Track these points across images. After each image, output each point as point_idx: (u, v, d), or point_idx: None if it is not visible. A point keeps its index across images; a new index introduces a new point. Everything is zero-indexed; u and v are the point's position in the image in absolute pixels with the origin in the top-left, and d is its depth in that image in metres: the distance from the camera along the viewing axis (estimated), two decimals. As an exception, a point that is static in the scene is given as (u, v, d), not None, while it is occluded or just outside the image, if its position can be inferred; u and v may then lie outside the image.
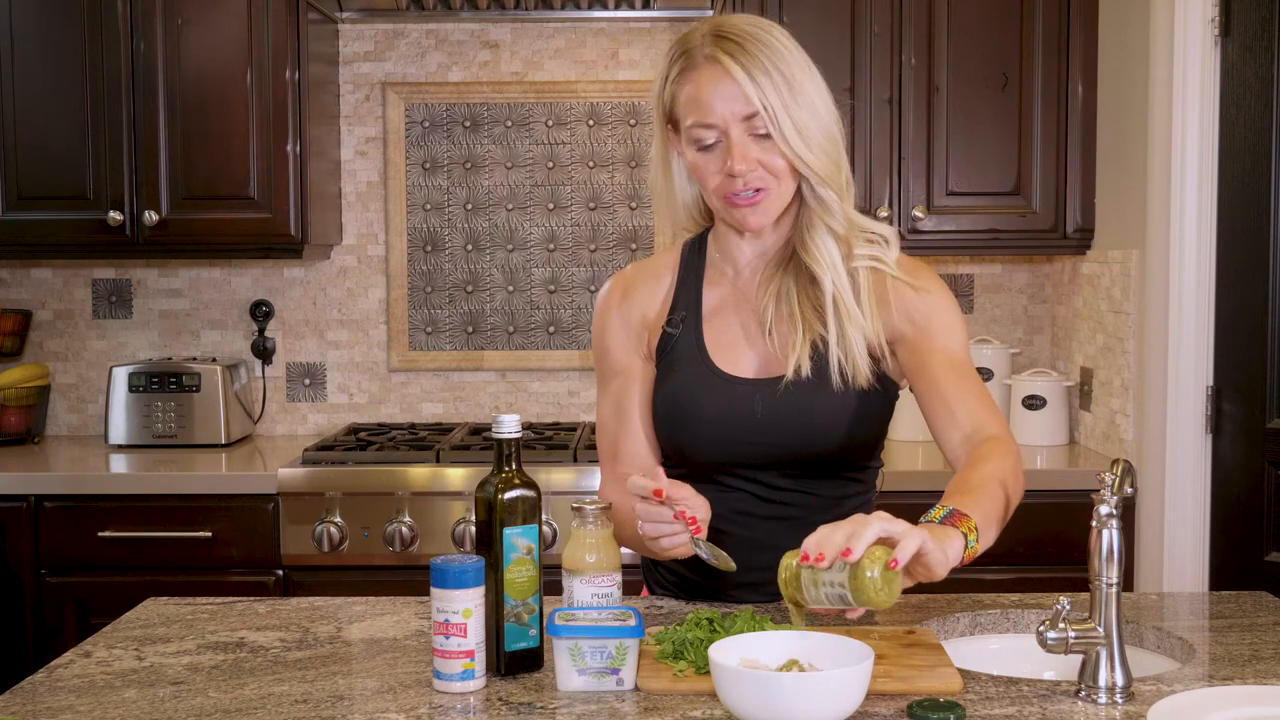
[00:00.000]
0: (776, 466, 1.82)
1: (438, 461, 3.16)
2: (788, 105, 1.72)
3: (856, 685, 1.37)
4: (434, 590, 1.51)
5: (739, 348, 1.85)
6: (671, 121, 1.82)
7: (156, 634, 1.76)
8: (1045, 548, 3.05)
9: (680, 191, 1.90)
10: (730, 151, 1.73)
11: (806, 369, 1.78)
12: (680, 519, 1.60)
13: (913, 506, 1.85)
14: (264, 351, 3.69)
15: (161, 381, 3.45)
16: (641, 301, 1.92)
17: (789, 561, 1.52)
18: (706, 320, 1.87)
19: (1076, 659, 1.53)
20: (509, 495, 1.56)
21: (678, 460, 1.86)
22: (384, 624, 1.80)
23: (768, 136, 1.73)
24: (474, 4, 3.52)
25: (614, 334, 1.92)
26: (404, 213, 3.68)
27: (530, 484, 1.58)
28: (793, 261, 1.84)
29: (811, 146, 1.74)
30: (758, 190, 1.76)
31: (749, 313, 1.86)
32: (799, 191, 1.81)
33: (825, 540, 1.45)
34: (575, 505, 1.65)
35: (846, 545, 1.43)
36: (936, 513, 1.55)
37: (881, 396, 1.83)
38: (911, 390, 1.84)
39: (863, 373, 1.79)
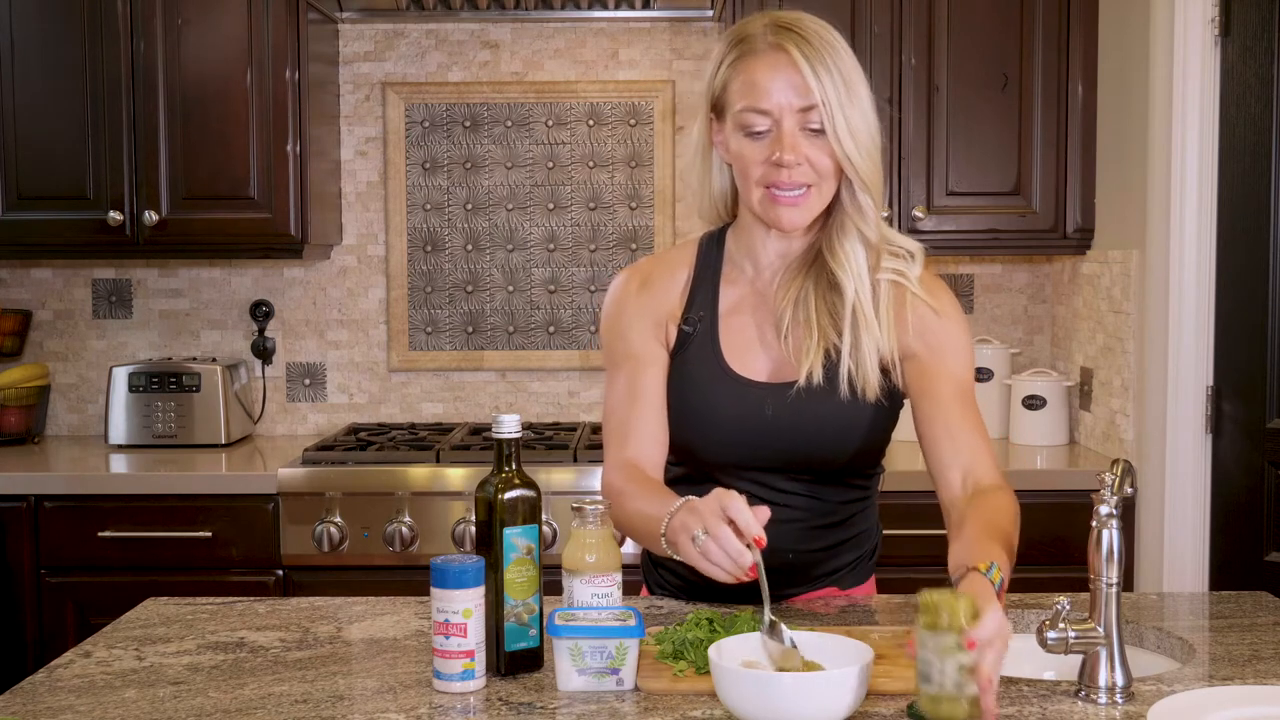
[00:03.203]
0: (782, 470, 1.82)
1: (438, 461, 3.16)
2: (843, 105, 1.71)
3: (856, 684, 1.37)
4: (434, 590, 1.51)
5: (753, 350, 1.84)
6: (717, 108, 1.80)
7: (156, 634, 1.76)
8: (1045, 548, 3.05)
9: (714, 181, 1.88)
10: (781, 141, 1.72)
11: (819, 376, 1.77)
12: (753, 572, 1.51)
13: (913, 507, 1.86)
14: (264, 351, 3.69)
15: (161, 381, 3.45)
16: (659, 293, 1.89)
17: (944, 604, 1.35)
18: (723, 319, 1.85)
19: (1076, 659, 1.53)
20: (509, 495, 1.56)
21: (683, 458, 1.86)
22: (384, 624, 1.80)
23: (819, 133, 1.72)
24: (474, 4, 3.52)
25: (631, 319, 1.88)
26: (404, 213, 3.68)
27: (530, 484, 1.57)
28: (815, 266, 1.82)
29: (860, 149, 1.73)
30: (807, 188, 1.74)
31: (766, 314, 1.85)
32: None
33: (998, 658, 1.35)
34: (575, 505, 1.65)
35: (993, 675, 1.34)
36: (996, 575, 1.49)
37: (889, 407, 1.83)
38: (912, 407, 1.83)
39: (873, 386, 1.77)
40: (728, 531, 1.49)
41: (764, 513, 1.51)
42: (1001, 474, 1.78)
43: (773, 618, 1.50)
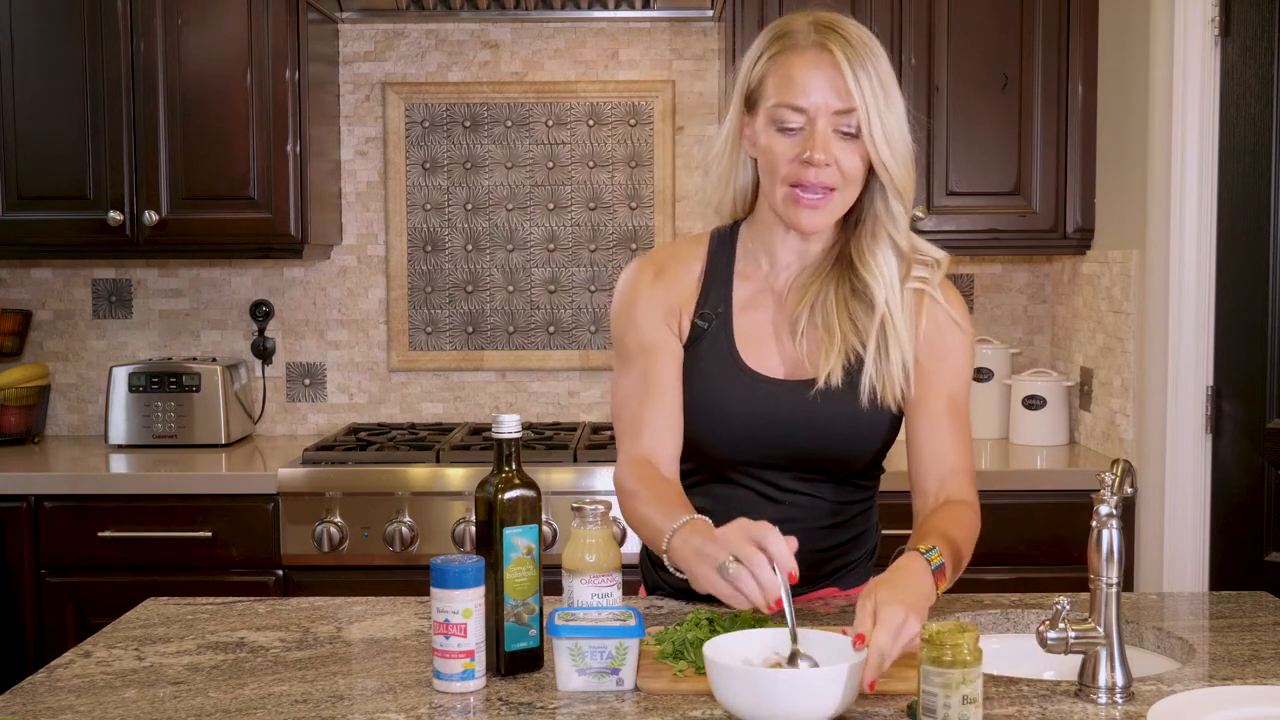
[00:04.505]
0: (790, 469, 1.82)
1: (438, 461, 3.16)
2: (881, 111, 1.71)
3: (849, 682, 1.37)
4: (434, 590, 1.51)
5: (767, 346, 1.83)
6: (749, 101, 1.79)
7: (156, 634, 1.76)
8: (1045, 548, 3.05)
9: (737, 175, 1.86)
10: (813, 140, 1.71)
11: (837, 380, 1.77)
12: (778, 607, 1.50)
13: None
14: (264, 351, 3.69)
15: (161, 381, 3.45)
16: (673, 283, 1.87)
17: (948, 638, 1.35)
18: (737, 315, 1.84)
19: (1076, 659, 1.53)
20: (509, 495, 1.56)
21: (690, 453, 1.84)
22: (384, 624, 1.80)
23: (853, 137, 1.72)
24: (474, 4, 3.52)
25: (644, 310, 1.86)
26: (404, 213, 3.68)
27: (530, 484, 1.57)
28: (834, 270, 1.82)
29: (896, 155, 1.74)
30: (828, 190, 1.73)
31: (780, 313, 1.84)
32: (857, 200, 1.79)
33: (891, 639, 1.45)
34: (575, 505, 1.65)
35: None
36: (935, 557, 1.59)
37: (898, 412, 1.83)
38: (904, 411, 1.84)
39: (893, 395, 1.78)
40: (763, 560, 1.48)
41: (793, 542, 1.50)
42: (975, 493, 1.80)
43: (796, 648, 1.48)
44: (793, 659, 1.48)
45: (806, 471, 1.82)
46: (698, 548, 1.54)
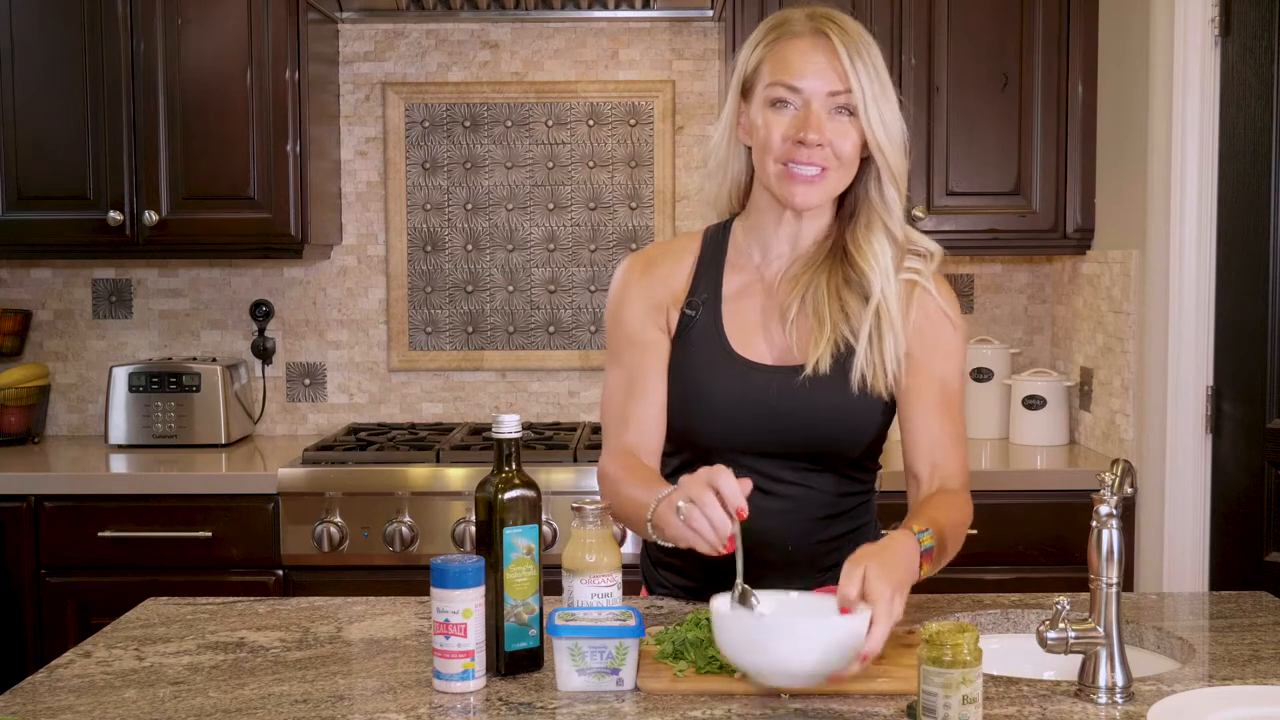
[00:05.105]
0: (783, 457, 1.82)
1: (438, 461, 3.16)
2: (877, 97, 1.75)
3: (843, 640, 1.40)
4: (434, 590, 1.51)
5: (757, 335, 1.84)
6: (745, 89, 1.82)
7: (156, 634, 1.76)
8: (1045, 548, 3.05)
9: (733, 165, 1.88)
10: (807, 121, 1.74)
11: (826, 366, 1.78)
12: (731, 544, 1.54)
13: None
14: (264, 351, 3.69)
15: (161, 381, 3.45)
16: (663, 277, 1.89)
17: (948, 638, 1.34)
18: (726, 303, 1.86)
19: (1076, 659, 1.53)
20: (509, 495, 1.56)
21: (683, 444, 1.86)
22: (384, 624, 1.80)
23: (847, 115, 1.75)
24: (474, 4, 3.53)
25: (633, 305, 1.89)
26: (404, 213, 3.68)
27: (530, 484, 1.58)
28: (825, 262, 1.83)
29: (891, 138, 1.77)
30: (823, 169, 1.75)
31: (770, 302, 1.86)
32: (850, 192, 1.82)
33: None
34: (575, 505, 1.65)
35: None
36: (927, 539, 1.61)
37: (892, 401, 1.83)
38: (898, 403, 1.84)
39: (885, 382, 1.79)
40: (712, 499, 1.53)
41: (746, 484, 1.55)
42: (967, 483, 1.82)
43: (744, 586, 1.52)
44: (743, 598, 1.51)
45: (799, 460, 1.83)
46: (670, 503, 1.59)
